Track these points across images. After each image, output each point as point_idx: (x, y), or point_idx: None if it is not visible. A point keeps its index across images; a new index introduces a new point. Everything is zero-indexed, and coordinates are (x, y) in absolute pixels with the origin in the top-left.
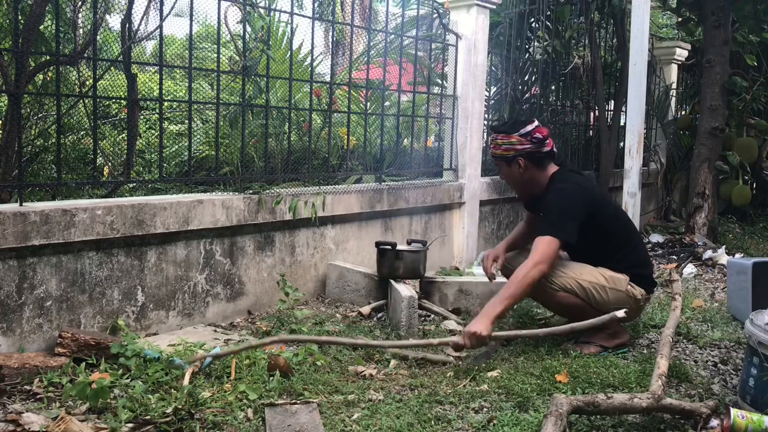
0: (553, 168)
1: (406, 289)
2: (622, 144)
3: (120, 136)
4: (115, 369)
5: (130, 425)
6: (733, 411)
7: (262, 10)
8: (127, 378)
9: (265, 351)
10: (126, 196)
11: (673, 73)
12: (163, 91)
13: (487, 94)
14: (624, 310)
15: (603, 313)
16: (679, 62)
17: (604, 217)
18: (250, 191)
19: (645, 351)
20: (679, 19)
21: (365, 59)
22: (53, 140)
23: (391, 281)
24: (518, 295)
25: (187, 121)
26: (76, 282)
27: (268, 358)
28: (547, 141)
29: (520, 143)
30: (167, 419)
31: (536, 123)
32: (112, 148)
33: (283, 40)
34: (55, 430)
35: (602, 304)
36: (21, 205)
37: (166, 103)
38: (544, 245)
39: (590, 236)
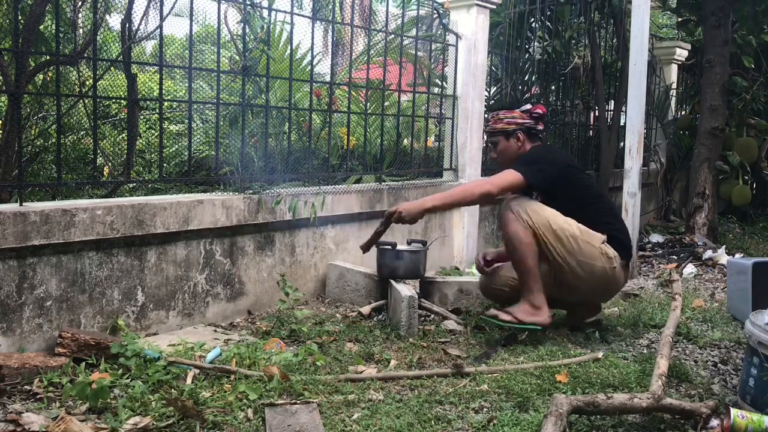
0: (540, 143)
1: (406, 289)
2: (622, 144)
3: (120, 136)
4: (115, 369)
5: (130, 425)
6: (733, 411)
7: (262, 10)
8: (127, 378)
9: (265, 351)
10: (126, 196)
11: (673, 73)
12: (163, 91)
13: (487, 94)
14: (601, 353)
15: (565, 263)
16: (679, 62)
17: (579, 181)
18: (250, 191)
19: (645, 351)
20: (679, 19)
21: (365, 59)
22: (53, 140)
23: (391, 281)
24: (455, 199)
25: (187, 121)
26: (76, 282)
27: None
28: (543, 118)
29: (521, 118)
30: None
31: (534, 105)
32: (112, 148)
33: (281, 39)
34: (55, 430)
35: (569, 253)
36: (21, 205)
37: (166, 103)
38: (504, 174)
39: (568, 197)
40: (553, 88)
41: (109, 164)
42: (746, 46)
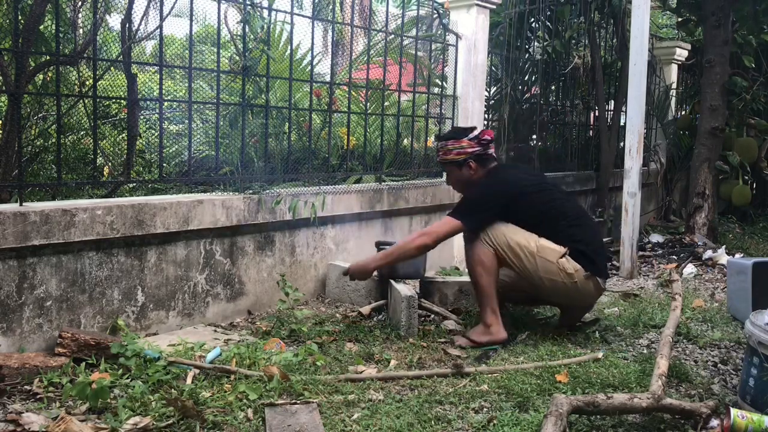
0: (494, 165)
1: (406, 289)
2: (622, 144)
3: (120, 136)
4: (115, 369)
5: (130, 425)
6: (733, 411)
7: (262, 10)
8: (127, 378)
9: (265, 351)
10: (126, 196)
11: (673, 73)
12: (163, 91)
13: (487, 94)
14: (601, 353)
15: (530, 277)
16: (679, 62)
17: (533, 201)
18: (250, 191)
19: (645, 351)
20: (679, 19)
21: (365, 59)
22: (53, 140)
23: (391, 281)
24: (394, 257)
25: (187, 121)
26: (76, 282)
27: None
28: (492, 143)
29: (470, 146)
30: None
31: (480, 128)
32: (112, 148)
33: (281, 39)
34: (55, 430)
35: (529, 270)
36: (21, 205)
37: (166, 103)
38: (441, 222)
39: (522, 217)
40: (553, 88)
41: (109, 164)
42: (746, 46)
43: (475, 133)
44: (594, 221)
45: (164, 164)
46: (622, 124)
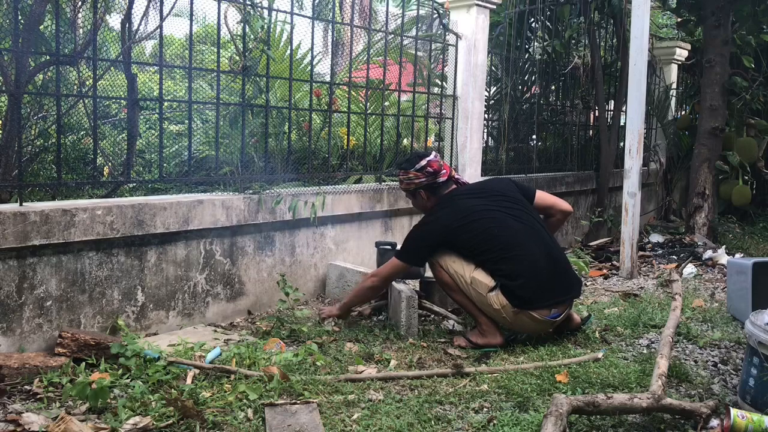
0: (448, 190)
1: (406, 289)
2: (622, 144)
3: (120, 136)
4: (115, 369)
5: (130, 425)
6: (733, 411)
7: (262, 10)
8: (127, 378)
9: (265, 351)
10: (126, 196)
11: (673, 73)
12: (163, 91)
13: (487, 94)
14: (601, 353)
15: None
16: (679, 62)
17: (463, 238)
18: (250, 191)
19: (645, 351)
20: (679, 20)
21: (365, 59)
22: (53, 140)
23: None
24: (353, 302)
25: (187, 121)
26: (76, 282)
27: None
28: (443, 171)
29: (417, 177)
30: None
31: (430, 157)
32: (112, 148)
33: (281, 39)
34: (55, 430)
35: (470, 297)
36: (21, 205)
37: (166, 103)
38: (388, 264)
39: (459, 250)
40: (553, 88)
41: (109, 164)
42: (746, 47)
43: (422, 163)
44: (540, 242)
45: (164, 164)
46: (622, 124)
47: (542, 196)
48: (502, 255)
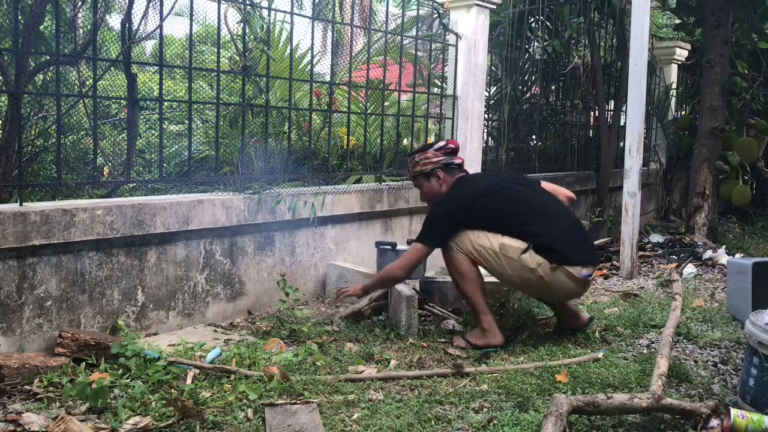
0: (461, 175)
1: (406, 289)
2: (622, 144)
3: (120, 136)
4: (115, 369)
5: (130, 425)
6: (733, 411)
7: (262, 10)
8: (127, 378)
9: (265, 351)
10: (126, 196)
11: (673, 73)
12: (163, 91)
13: (487, 94)
14: (601, 353)
15: (501, 277)
16: (679, 62)
17: (485, 205)
18: (250, 191)
19: (645, 351)
20: (678, 21)
21: (365, 59)
22: (53, 140)
23: None
24: (376, 283)
25: (187, 121)
26: (76, 282)
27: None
28: (457, 152)
29: (435, 156)
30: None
31: (446, 141)
32: (112, 148)
33: (281, 39)
34: (55, 430)
35: (498, 270)
36: (21, 205)
37: (166, 103)
38: (411, 252)
39: (483, 221)
40: (553, 88)
41: (109, 164)
42: (742, 52)
43: (440, 144)
44: (562, 209)
45: (164, 164)
46: (622, 124)
47: (546, 185)
48: (531, 218)
